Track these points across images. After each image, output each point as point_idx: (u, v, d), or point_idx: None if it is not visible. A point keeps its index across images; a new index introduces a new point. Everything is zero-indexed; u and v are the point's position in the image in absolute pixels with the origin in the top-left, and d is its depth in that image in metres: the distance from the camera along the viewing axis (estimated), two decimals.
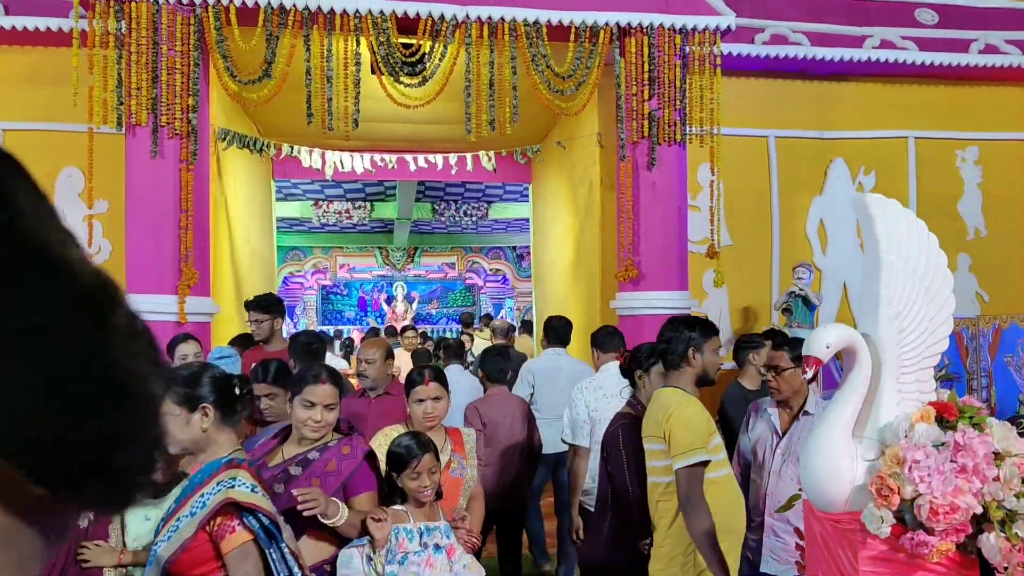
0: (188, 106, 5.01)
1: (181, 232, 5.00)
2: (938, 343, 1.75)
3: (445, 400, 3.40)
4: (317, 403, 2.75)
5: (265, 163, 8.97)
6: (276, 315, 4.94)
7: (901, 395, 1.69)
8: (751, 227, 6.81)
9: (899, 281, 1.70)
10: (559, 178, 8.26)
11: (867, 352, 1.69)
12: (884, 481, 1.55)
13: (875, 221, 1.72)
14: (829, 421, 1.70)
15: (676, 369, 3.03)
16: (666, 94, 5.50)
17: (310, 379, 2.79)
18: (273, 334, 4.90)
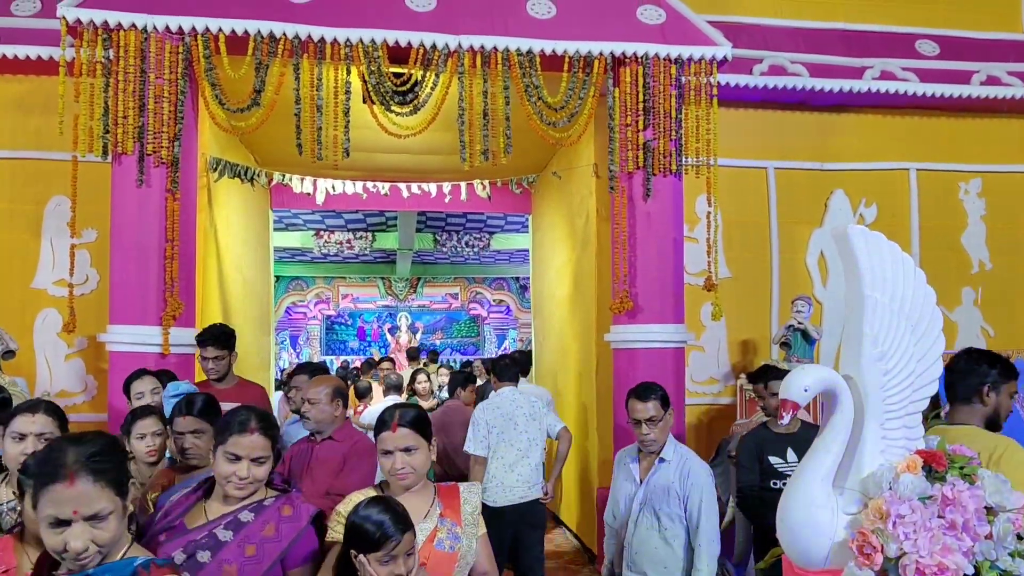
0: (175, 134, 4.94)
1: (166, 262, 4.91)
2: (926, 386, 1.63)
3: (423, 451, 2.58)
4: (243, 456, 2.34)
5: (262, 192, 8.91)
6: (231, 350, 4.69)
7: (886, 442, 1.57)
8: (750, 259, 6.69)
9: (884, 319, 1.59)
10: (557, 209, 8.18)
11: (849, 396, 1.58)
12: (866, 538, 1.43)
13: (857, 255, 1.61)
14: (808, 470, 1.58)
15: (967, 404, 2.75)
16: (661, 124, 5.41)
17: (235, 427, 2.38)
18: (229, 371, 4.68)
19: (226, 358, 4.61)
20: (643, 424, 3.62)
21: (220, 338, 4.60)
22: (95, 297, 5.82)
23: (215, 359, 4.55)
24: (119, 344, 4.91)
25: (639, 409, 3.63)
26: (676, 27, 5.57)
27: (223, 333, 4.65)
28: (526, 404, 5.15)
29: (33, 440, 2.74)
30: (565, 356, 8.14)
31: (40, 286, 5.92)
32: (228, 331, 4.70)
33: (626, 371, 5.45)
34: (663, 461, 3.64)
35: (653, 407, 3.61)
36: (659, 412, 3.60)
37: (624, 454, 3.96)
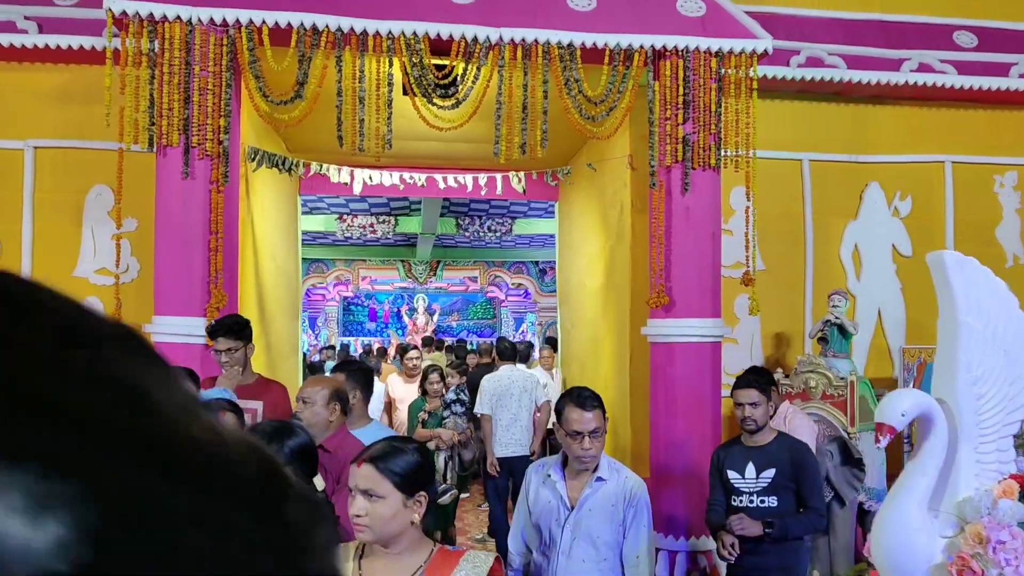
0: (220, 127, 4.97)
1: (211, 254, 4.96)
2: (1018, 409, 1.65)
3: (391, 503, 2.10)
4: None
5: (292, 179, 8.95)
6: (248, 341, 4.33)
7: (980, 465, 1.59)
8: (784, 251, 6.69)
9: (978, 345, 1.61)
10: (588, 198, 8.18)
11: (944, 420, 1.60)
12: (966, 562, 1.46)
13: (952, 280, 1.63)
14: (904, 493, 1.60)
15: None
16: (701, 118, 5.40)
17: None
18: (246, 365, 4.32)
19: (240, 350, 4.25)
20: (585, 437, 3.14)
21: (233, 328, 4.25)
22: (135, 286, 5.88)
23: (227, 351, 4.20)
24: (164, 335, 4.97)
25: (581, 420, 3.16)
26: (716, 19, 5.55)
27: (236, 323, 4.32)
28: (520, 379, 6.87)
29: None
30: (597, 346, 8.17)
31: (82, 275, 6.00)
32: (242, 321, 4.39)
33: (663, 365, 5.48)
34: (601, 480, 3.22)
35: (596, 417, 3.17)
36: (602, 423, 3.19)
37: (542, 468, 3.41)
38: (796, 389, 5.74)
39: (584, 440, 3.14)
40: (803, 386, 5.68)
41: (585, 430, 3.14)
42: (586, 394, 3.26)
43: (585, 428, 3.14)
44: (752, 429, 3.95)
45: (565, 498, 3.23)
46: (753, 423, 3.92)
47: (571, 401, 3.23)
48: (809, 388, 5.64)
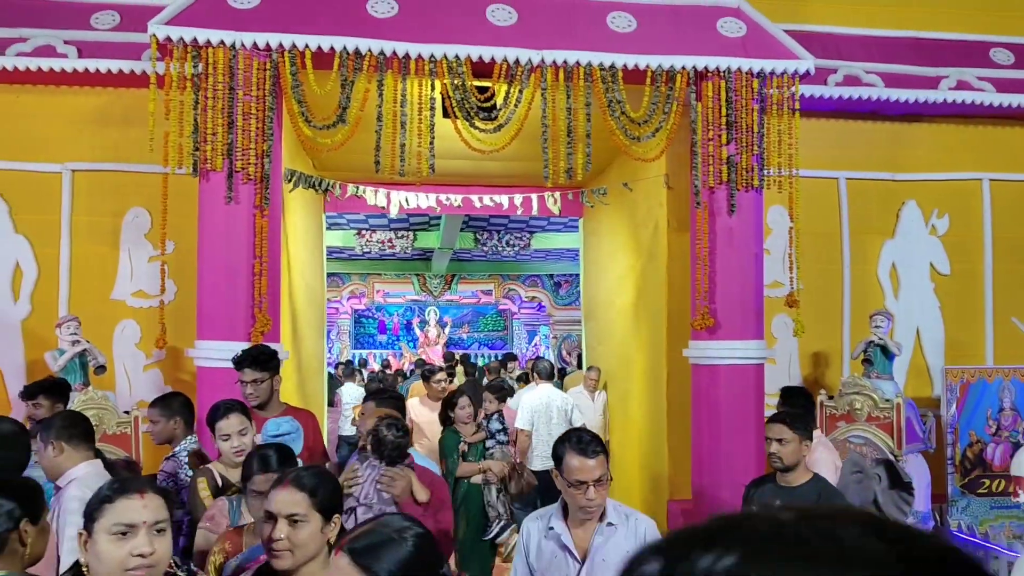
0: (263, 151, 4.96)
1: (255, 278, 4.93)
2: None
3: (312, 525, 2.21)
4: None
5: (318, 197, 8.95)
6: (274, 372, 4.23)
7: None
8: (821, 270, 6.65)
9: None
10: (618, 216, 8.14)
11: None
12: None
13: None
14: None
15: None
16: (744, 139, 5.37)
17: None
18: (272, 396, 4.19)
19: (266, 382, 4.14)
20: (589, 487, 2.79)
21: (259, 359, 4.14)
22: (172, 309, 5.84)
23: (253, 383, 4.10)
24: (207, 360, 4.94)
25: (584, 469, 2.79)
26: (757, 40, 5.52)
27: (262, 354, 4.21)
28: (558, 398, 7.16)
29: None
30: (627, 366, 8.12)
31: (119, 297, 5.98)
32: (268, 352, 4.27)
33: (707, 388, 5.43)
34: (611, 526, 2.91)
35: (599, 465, 2.82)
36: (606, 470, 2.85)
37: (540, 520, 3.03)
38: (840, 410, 5.69)
39: (589, 490, 2.79)
40: (848, 407, 5.63)
41: (589, 479, 2.79)
42: (587, 438, 2.87)
43: (589, 477, 2.79)
44: (779, 467, 3.70)
45: (573, 550, 2.89)
46: (779, 460, 3.67)
47: (572, 447, 2.84)
48: (854, 410, 5.59)
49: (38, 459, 3.42)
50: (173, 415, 4.26)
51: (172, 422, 4.23)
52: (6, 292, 5.87)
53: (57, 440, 3.30)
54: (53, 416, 3.56)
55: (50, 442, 3.34)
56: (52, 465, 3.33)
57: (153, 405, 4.36)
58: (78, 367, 5.33)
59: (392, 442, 3.69)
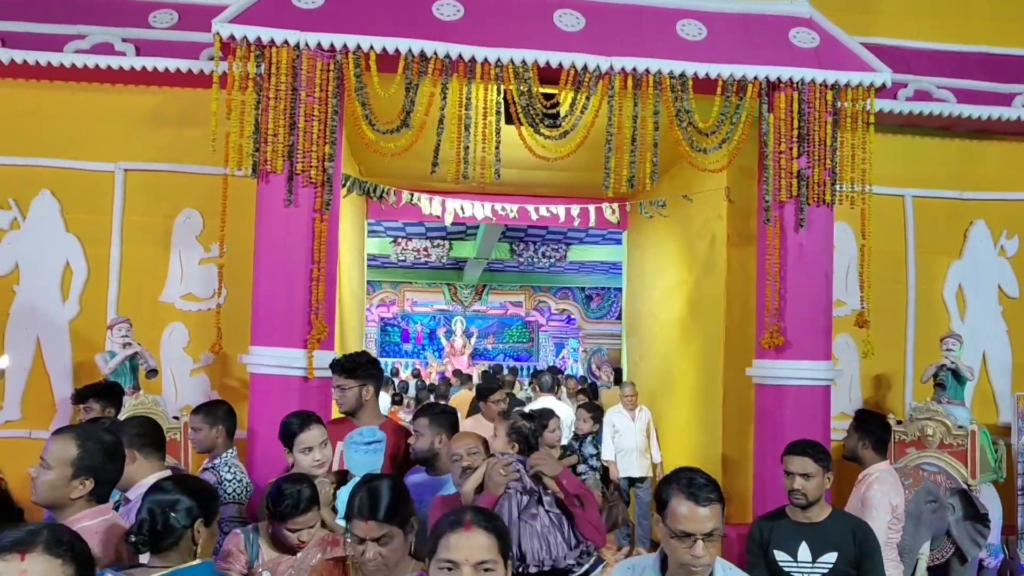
0: (325, 154, 4.84)
1: (312, 284, 4.81)
2: None
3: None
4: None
5: (362, 203, 8.86)
6: (363, 381, 3.93)
7: None
8: (885, 290, 6.41)
9: None
10: (668, 229, 7.98)
11: None
12: None
13: None
14: None
15: None
16: (816, 152, 5.19)
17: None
18: (362, 406, 3.95)
19: (352, 389, 3.91)
20: (698, 541, 2.32)
21: (344, 366, 3.94)
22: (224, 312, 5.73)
23: (337, 388, 3.97)
24: (262, 366, 4.82)
25: (697, 518, 2.31)
26: (831, 51, 5.35)
27: (349, 361, 3.98)
28: (562, 411, 7.03)
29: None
30: (670, 381, 7.94)
31: (167, 300, 5.88)
32: (359, 360, 4.00)
33: (772, 408, 5.24)
34: None
35: (714, 514, 2.34)
36: (721, 522, 2.36)
37: (633, 570, 2.61)
38: (911, 436, 5.48)
39: (698, 544, 2.31)
40: (919, 434, 5.42)
41: (701, 532, 2.31)
42: (700, 481, 2.38)
43: (701, 530, 2.31)
44: (802, 504, 3.45)
45: None
46: (803, 497, 3.42)
47: (680, 490, 2.37)
48: (926, 436, 5.37)
49: None
50: (216, 423, 4.11)
51: (215, 431, 4.07)
52: (55, 292, 5.78)
53: (130, 448, 3.17)
54: (125, 421, 3.42)
55: None
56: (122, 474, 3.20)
57: (196, 412, 4.21)
58: (128, 370, 5.23)
59: (533, 431, 3.67)
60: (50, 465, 2.52)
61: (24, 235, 5.79)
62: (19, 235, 5.79)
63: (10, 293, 5.75)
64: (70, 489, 2.52)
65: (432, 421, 3.83)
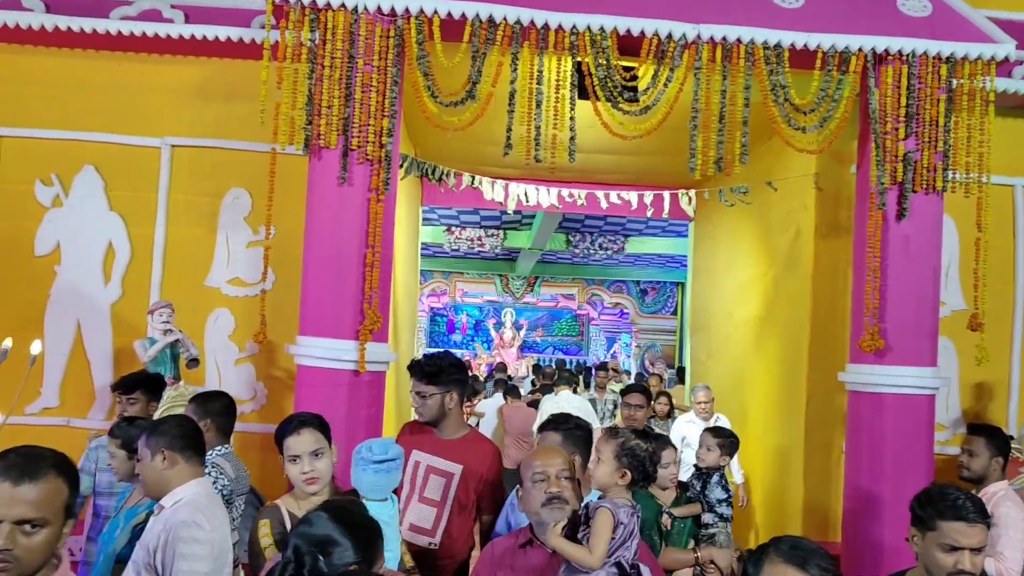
0: (383, 128, 4.43)
1: (367, 270, 4.41)
2: None
3: None
4: None
5: (417, 188, 8.47)
6: (447, 388, 3.55)
7: None
8: (990, 290, 5.80)
9: None
10: (742, 219, 7.44)
11: None
12: None
13: None
14: None
15: None
16: (926, 133, 4.64)
17: None
18: (445, 415, 3.56)
19: (434, 397, 3.53)
20: (967, 555, 2.47)
21: (425, 371, 3.55)
22: (271, 299, 5.37)
23: (418, 395, 3.59)
24: (309, 358, 4.43)
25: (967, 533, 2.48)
26: (945, 20, 4.78)
27: (432, 364, 3.57)
28: (577, 402, 7.74)
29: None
30: (742, 384, 7.41)
31: (213, 284, 5.55)
32: (442, 364, 3.58)
33: (869, 419, 4.71)
34: None
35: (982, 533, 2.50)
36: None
37: None
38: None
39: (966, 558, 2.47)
40: None
41: (969, 545, 2.48)
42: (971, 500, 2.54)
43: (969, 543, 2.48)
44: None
45: None
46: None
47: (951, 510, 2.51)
48: None
49: (139, 468, 2.92)
50: (206, 417, 3.69)
51: (203, 424, 3.58)
52: (97, 274, 5.48)
53: (170, 450, 2.80)
54: (162, 421, 3.02)
55: (161, 451, 2.83)
56: (158, 479, 2.82)
57: (190, 401, 3.84)
58: (168, 359, 4.89)
59: (652, 456, 2.79)
60: None
61: (66, 213, 5.50)
62: (61, 213, 5.49)
63: (51, 274, 5.47)
64: None
65: (566, 439, 3.20)
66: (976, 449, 3.85)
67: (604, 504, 2.60)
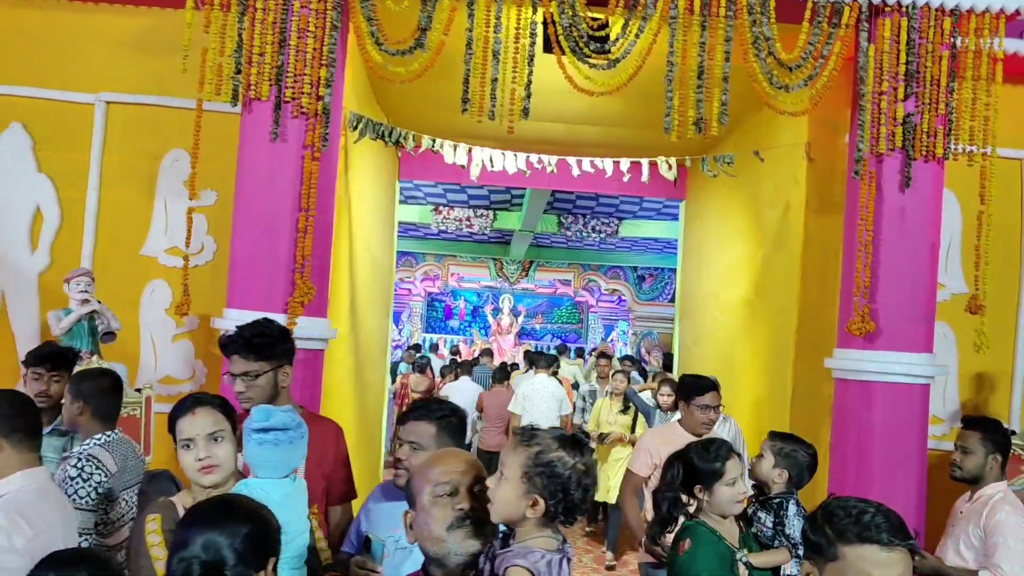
0: (320, 79, 3.99)
1: (299, 235, 3.97)
2: None
3: None
4: None
5: (392, 161, 8.02)
6: (280, 363, 2.92)
7: None
8: (993, 271, 5.35)
9: None
10: (733, 196, 6.98)
11: None
12: None
13: None
14: None
15: None
16: (927, 94, 4.18)
17: None
18: (279, 395, 2.91)
19: (265, 375, 2.85)
20: None
21: (254, 344, 2.85)
22: (210, 270, 4.98)
23: (243, 377, 2.82)
24: None
25: (882, 562, 1.71)
26: None
27: (260, 335, 2.88)
28: (551, 385, 8.16)
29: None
30: (730, 372, 6.92)
31: (150, 253, 5.11)
32: (271, 333, 2.93)
33: (857, 409, 4.27)
34: None
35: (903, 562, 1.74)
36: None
37: None
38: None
39: None
40: None
41: None
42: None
43: None
44: None
45: None
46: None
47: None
48: None
49: None
50: (79, 399, 3.12)
51: (76, 406, 3.11)
52: (23, 240, 5.05)
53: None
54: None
55: None
56: None
57: (72, 379, 3.33)
58: (87, 331, 4.45)
59: (584, 472, 1.93)
60: None
61: None
62: None
63: None
64: None
65: (442, 429, 2.66)
66: (970, 445, 3.41)
67: (516, 562, 1.81)
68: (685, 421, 4.21)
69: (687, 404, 4.17)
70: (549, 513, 1.85)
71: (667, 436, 4.13)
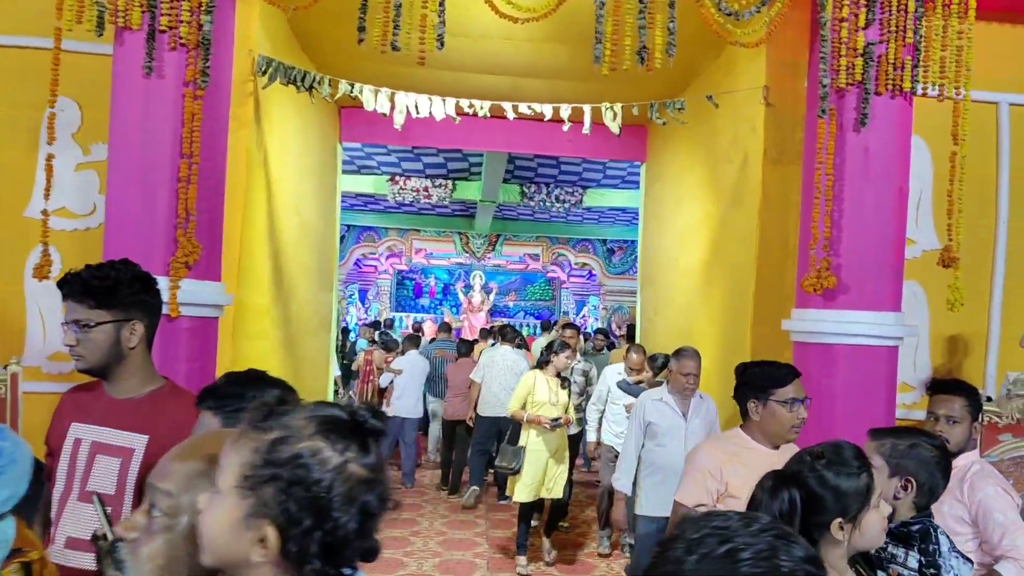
0: (201, 5, 3.46)
1: (180, 185, 3.46)
2: None
3: None
4: None
5: (330, 119, 7.50)
6: (129, 316, 2.32)
7: None
8: (967, 224, 4.94)
9: None
10: (690, 154, 6.53)
11: None
12: None
13: None
14: None
15: None
16: (893, 22, 3.72)
17: None
18: (122, 358, 2.31)
19: (100, 326, 2.27)
20: None
21: (90, 287, 2.27)
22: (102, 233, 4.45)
23: (76, 324, 2.27)
24: None
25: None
26: None
27: (103, 277, 2.28)
28: (510, 358, 8.00)
29: None
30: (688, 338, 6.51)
31: (34, 215, 4.56)
32: (120, 276, 2.31)
33: (818, 375, 3.83)
34: None
35: None
36: None
37: None
38: (1006, 419, 4.06)
39: None
40: (1019, 414, 3.99)
41: None
42: None
43: None
44: None
45: None
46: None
47: None
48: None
49: None
50: None
51: None
52: None
53: None
54: None
55: None
56: None
57: None
58: None
59: None
60: None
61: None
62: None
63: None
64: None
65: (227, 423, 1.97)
66: (957, 414, 2.95)
67: None
68: (761, 427, 3.08)
69: (761, 404, 3.05)
70: (290, 556, 1.11)
71: (733, 450, 3.08)
